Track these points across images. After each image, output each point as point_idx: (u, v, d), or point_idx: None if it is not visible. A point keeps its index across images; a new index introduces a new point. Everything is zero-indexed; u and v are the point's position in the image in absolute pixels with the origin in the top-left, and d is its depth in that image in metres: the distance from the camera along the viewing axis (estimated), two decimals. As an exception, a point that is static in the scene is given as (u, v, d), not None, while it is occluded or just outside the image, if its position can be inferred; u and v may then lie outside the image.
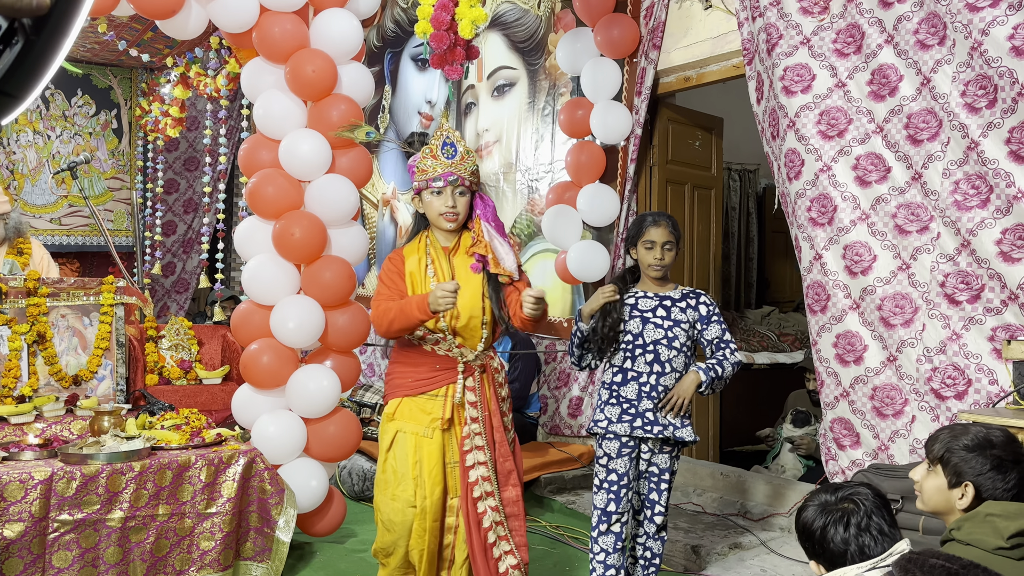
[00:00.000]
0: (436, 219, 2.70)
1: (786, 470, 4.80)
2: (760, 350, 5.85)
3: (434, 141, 2.70)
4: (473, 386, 2.68)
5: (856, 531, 1.69)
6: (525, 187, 5.81)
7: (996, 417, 2.58)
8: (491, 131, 6.14)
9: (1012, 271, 3.07)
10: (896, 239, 3.46)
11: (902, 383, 3.46)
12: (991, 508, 1.81)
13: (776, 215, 4.92)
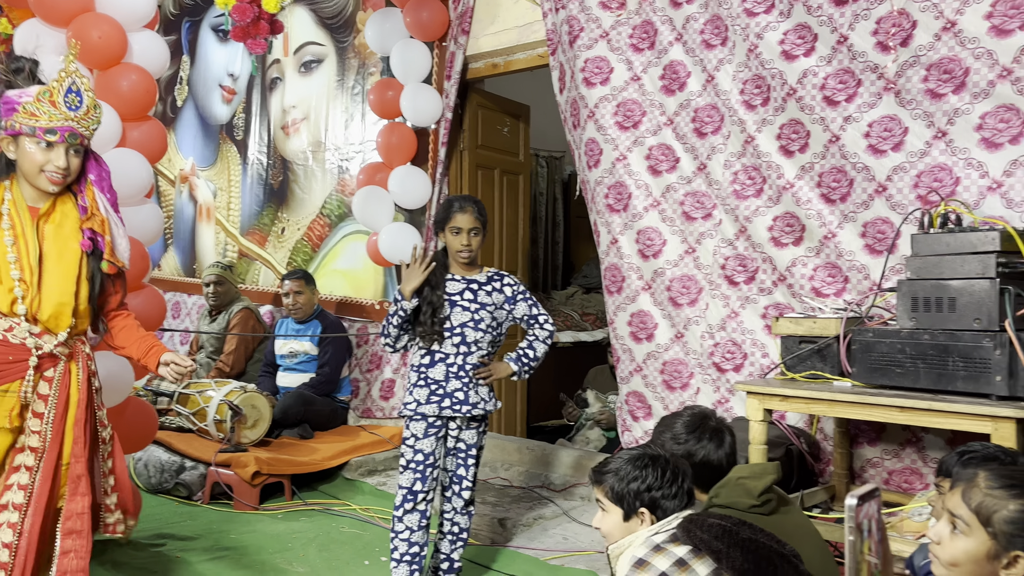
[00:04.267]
0: (35, 175, 2.26)
1: (590, 441, 5.06)
2: (564, 329, 6.11)
3: (55, 83, 2.24)
4: (52, 377, 2.31)
5: (661, 483, 1.81)
6: (335, 167, 5.70)
7: (767, 387, 2.87)
8: (298, 108, 5.97)
9: (781, 255, 3.40)
10: (684, 225, 3.73)
11: (688, 358, 3.75)
12: (740, 472, 2.01)
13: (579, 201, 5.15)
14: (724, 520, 1.73)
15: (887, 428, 3.14)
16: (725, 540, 1.66)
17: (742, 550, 1.65)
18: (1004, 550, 1.36)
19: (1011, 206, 2.78)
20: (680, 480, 1.83)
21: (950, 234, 2.56)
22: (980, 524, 1.37)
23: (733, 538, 1.67)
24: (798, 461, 3.19)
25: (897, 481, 3.14)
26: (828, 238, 3.23)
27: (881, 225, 3.09)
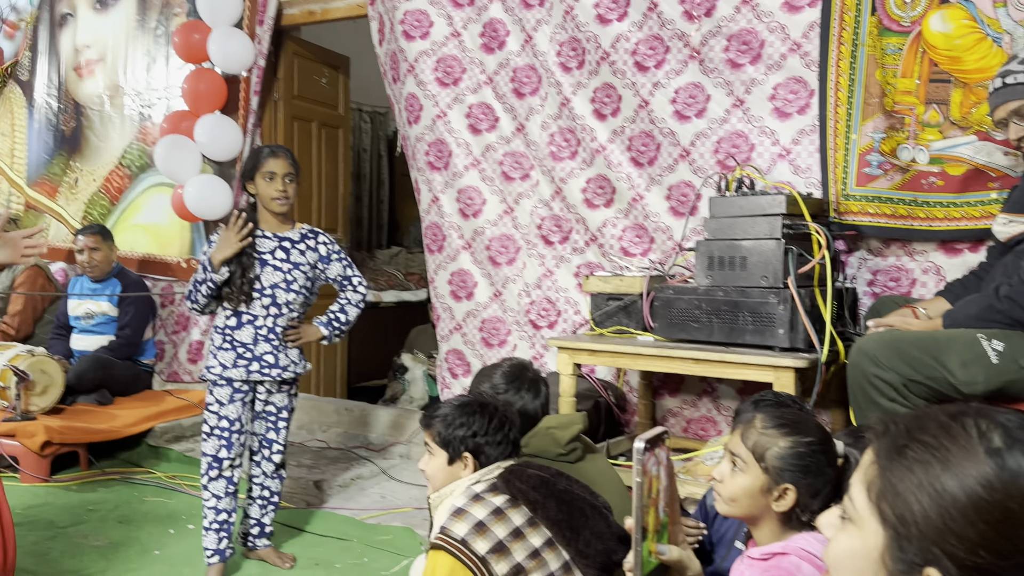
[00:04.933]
0: None
1: (414, 400, 5.06)
2: (388, 289, 6.04)
3: None
4: None
5: (486, 430, 1.82)
6: (136, 113, 5.28)
7: (577, 342, 2.96)
8: (93, 48, 5.46)
9: (593, 216, 3.50)
10: (503, 185, 3.76)
11: (506, 315, 3.81)
12: (550, 422, 2.08)
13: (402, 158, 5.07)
14: (543, 472, 1.78)
15: (686, 379, 3.34)
16: (542, 491, 1.70)
17: (557, 501, 1.70)
18: (775, 483, 1.50)
19: (798, 172, 3.00)
20: (506, 429, 1.85)
21: (743, 197, 2.73)
22: (755, 461, 1.51)
23: (550, 489, 1.72)
24: (605, 412, 3.33)
25: (694, 429, 3.36)
26: (636, 200, 3.36)
27: (684, 188, 3.25)
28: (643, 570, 0.90)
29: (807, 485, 1.50)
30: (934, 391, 2.22)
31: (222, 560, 2.73)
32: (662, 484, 0.94)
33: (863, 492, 0.79)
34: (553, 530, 1.68)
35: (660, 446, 0.92)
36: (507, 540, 1.64)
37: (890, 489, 0.76)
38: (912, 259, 2.84)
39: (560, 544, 1.68)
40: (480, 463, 1.82)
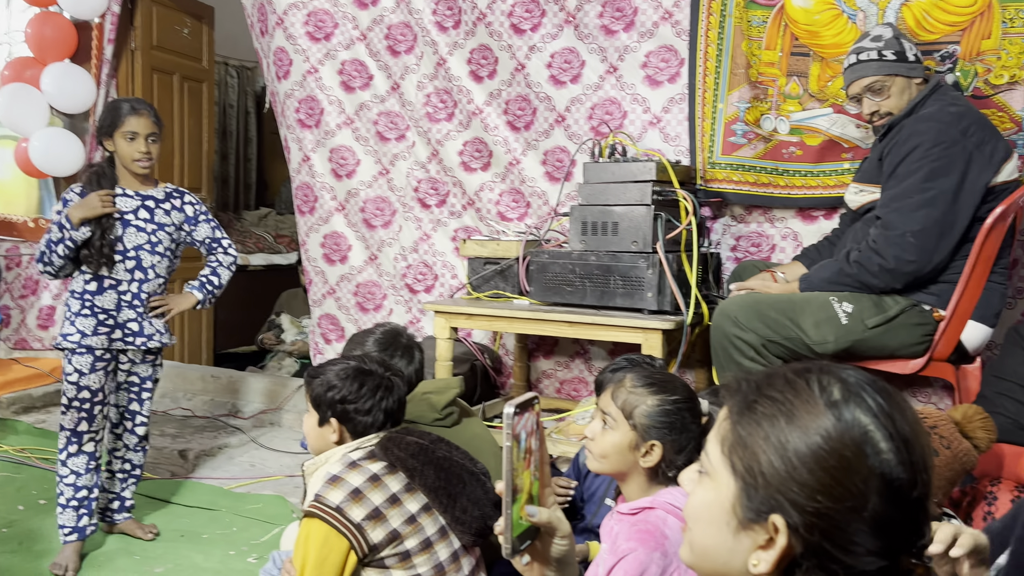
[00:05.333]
0: None
1: (283, 367, 4.93)
2: (256, 251, 5.84)
3: None
4: None
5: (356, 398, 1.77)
6: (-28, 59, 4.83)
7: (453, 306, 2.96)
8: (-80, -16, 4.94)
9: (470, 179, 3.49)
10: (378, 145, 3.68)
11: (382, 279, 3.76)
12: (426, 387, 2.07)
13: (271, 114, 4.87)
14: (422, 438, 1.77)
15: (560, 342, 3.41)
16: (420, 458, 1.70)
17: (435, 468, 1.70)
18: (642, 440, 1.56)
19: (668, 140, 3.08)
20: (380, 399, 1.80)
21: (615, 164, 2.78)
22: (624, 419, 1.57)
23: (428, 456, 1.71)
24: (482, 375, 3.36)
25: (567, 390, 3.43)
26: (513, 164, 3.36)
27: (559, 154, 3.28)
28: (513, 532, 0.91)
29: (672, 442, 1.56)
30: (790, 350, 2.35)
31: (80, 538, 2.59)
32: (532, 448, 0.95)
33: (717, 447, 0.83)
34: (430, 496, 1.68)
35: (530, 410, 0.93)
36: (383, 507, 1.63)
37: (740, 443, 0.80)
38: (772, 225, 2.98)
39: (437, 510, 1.69)
40: (349, 431, 1.79)
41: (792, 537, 0.76)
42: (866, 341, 2.32)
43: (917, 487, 0.76)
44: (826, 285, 2.39)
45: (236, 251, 2.87)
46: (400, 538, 1.63)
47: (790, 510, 0.76)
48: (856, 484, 0.74)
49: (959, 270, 2.28)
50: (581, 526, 2.09)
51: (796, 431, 0.77)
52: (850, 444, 0.75)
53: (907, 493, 0.75)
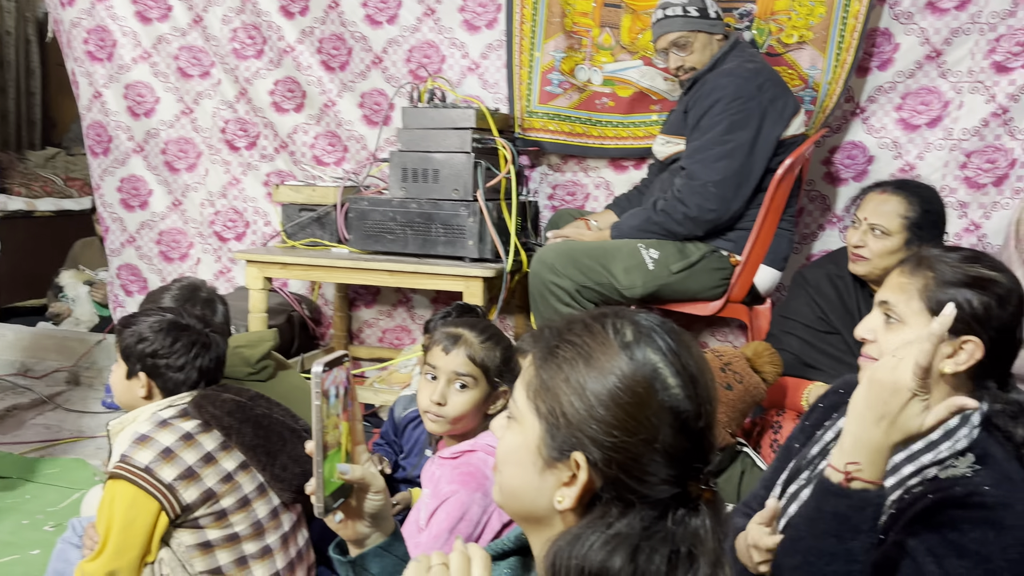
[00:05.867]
0: None
1: (81, 322, 4.55)
2: (44, 196, 5.30)
3: None
4: None
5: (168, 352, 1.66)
6: None
7: (267, 255, 2.84)
8: None
9: (283, 121, 3.33)
10: (179, 82, 3.43)
11: (188, 227, 3.54)
12: (237, 341, 1.98)
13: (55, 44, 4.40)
14: (240, 396, 1.70)
15: (382, 291, 3.37)
16: (238, 416, 1.63)
17: (254, 425, 1.65)
18: (493, 390, 1.62)
19: (486, 87, 3.08)
20: (195, 356, 1.70)
21: (435, 110, 2.75)
22: (482, 374, 1.61)
23: (246, 414, 1.65)
24: (300, 327, 3.27)
25: (390, 338, 3.41)
26: (328, 106, 3.24)
27: (377, 97, 3.19)
28: (326, 491, 0.90)
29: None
30: (603, 295, 2.46)
31: None
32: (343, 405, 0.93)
33: (523, 392, 0.86)
34: (248, 454, 1.63)
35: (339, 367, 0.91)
36: (197, 466, 1.56)
37: (543, 387, 0.84)
38: (586, 175, 3.07)
39: (255, 467, 1.64)
40: (159, 387, 1.69)
41: (592, 472, 0.80)
42: (671, 285, 2.46)
43: (702, 418, 0.82)
44: (635, 233, 2.50)
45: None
46: (215, 497, 1.57)
47: (590, 447, 0.80)
48: (648, 418, 0.79)
49: (753, 218, 2.46)
50: (401, 476, 2.10)
51: (594, 372, 0.81)
52: (642, 381, 0.80)
53: (694, 424, 0.81)
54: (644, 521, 0.80)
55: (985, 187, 2.67)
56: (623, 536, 0.79)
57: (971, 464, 1.20)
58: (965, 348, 1.24)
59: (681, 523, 0.81)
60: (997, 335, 1.24)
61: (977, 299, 1.24)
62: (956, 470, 1.20)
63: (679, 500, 0.82)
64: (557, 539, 0.81)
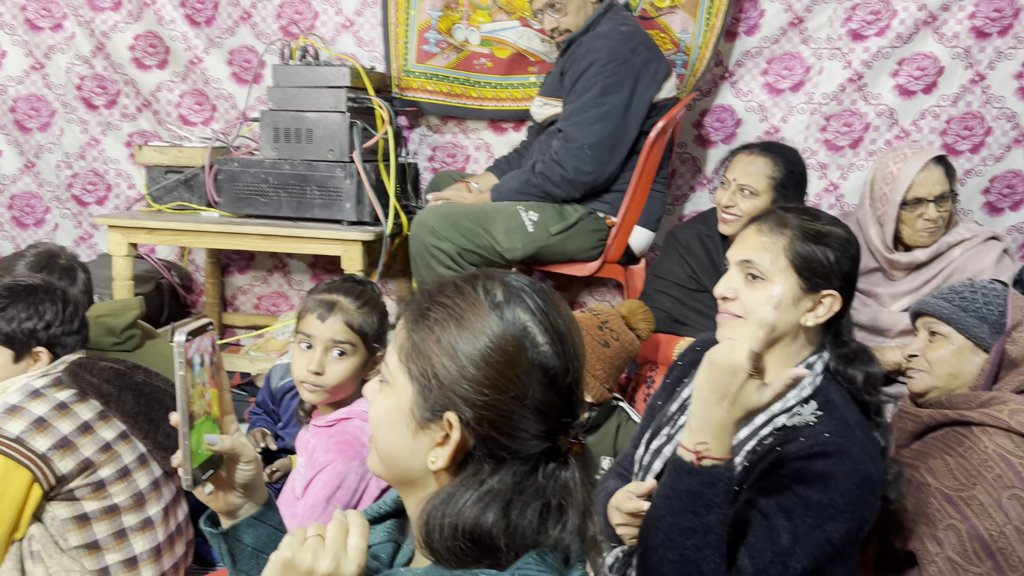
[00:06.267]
0: None
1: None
2: None
3: None
4: None
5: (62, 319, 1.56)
6: None
7: (131, 220, 2.70)
8: None
9: (145, 78, 3.15)
10: (28, 35, 3.18)
11: (43, 190, 3.32)
12: (100, 310, 1.89)
13: None
14: (118, 364, 1.63)
15: (256, 256, 3.27)
16: (116, 384, 1.57)
17: (134, 393, 1.59)
18: (371, 356, 1.60)
19: (361, 45, 3.00)
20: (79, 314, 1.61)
21: (308, 67, 2.66)
22: (361, 340, 1.56)
23: (125, 381, 1.60)
24: (170, 294, 3.13)
25: (266, 305, 3.32)
26: (195, 63, 3.08)
27: (247, 54, 3.06)
28: (193, 463, 0.87)
29: None
30: (484, 258, 2.46)
31: None
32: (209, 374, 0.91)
33: (395, 355, 0.86)
34: (129, 423, 1.57)
35: (203, 335, 0.88)
36: (73, 435, 1.50)
37: (415, 349, 0.84)
38: (466, 136, 3.05)
39: (136, 436, 1.58)
40: (56, 356, 1.59)
41: (465, 431, 0.81)
42: (550, 247, 2.49)
43: (570, 374, 0.84)
44: (515, 195, 2.51)
45: None
46: (93, 467, 1.51)
47: (462, 406, 0.81)
48: (519, 376, 0.81)
49: (628, 180, 2.51)
50: (281, 447, 2.07)
51: (465, 333, 0.82)
52: (512, 340, 0.81)
53: (562, 380, 0.83)
54: (516, 476, 0.82)
55: (843, 149, 2.82)
56: (496, 492, 0.81)
57: (814, 411, 1.28)
58: (824, 302, 1.32)
59: (552, 476, 0.83)
60: (845, 286, 1.32)
61: (832, 254, 1.31)
62: (801, 417, 1.28)
63: (549, 454, 0.84)
64: (431, 499, 0.82)
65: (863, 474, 1.22)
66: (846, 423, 1.27)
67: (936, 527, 1.53)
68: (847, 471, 1.21)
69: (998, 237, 2.42)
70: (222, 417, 0.94)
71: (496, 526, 0.80)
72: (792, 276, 1.31)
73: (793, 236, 1.32)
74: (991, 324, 1.61)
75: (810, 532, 1.20)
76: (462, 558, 0.80)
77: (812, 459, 1.22)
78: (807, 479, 1.21)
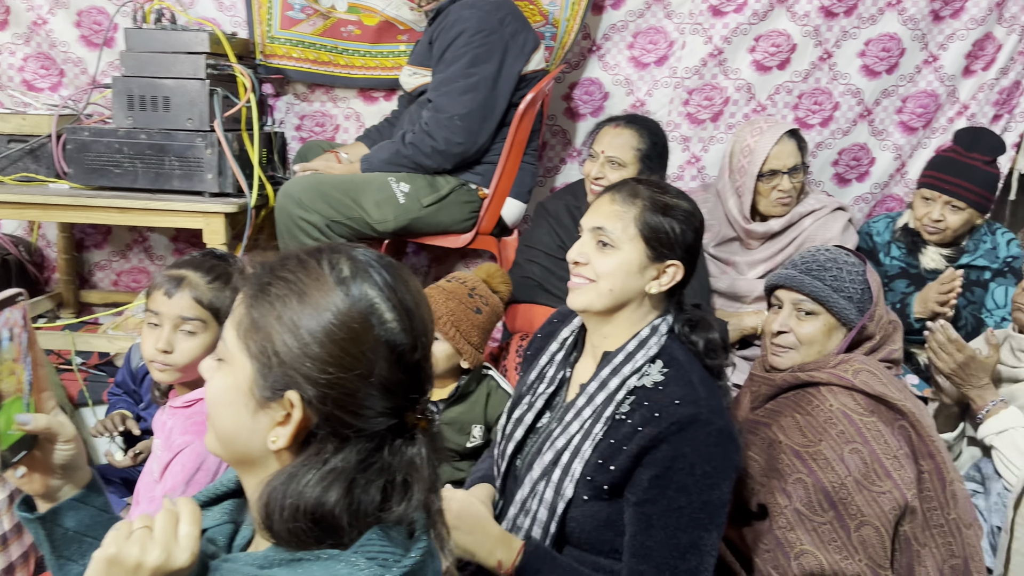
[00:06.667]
0: None
1: None
2: None
3: None
4: None
5: None
6: None
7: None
8: None
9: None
10: None
11: None
12: None
13: None
14: None
15: (113, 230, 3.10)
16: None
17: None
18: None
19: (222, 9, 2.87)
20: None
21: (163, 32, 2.52)
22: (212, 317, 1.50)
23: None
24: (18, 271, 2.94)
25: (126, 281, 3.16)
26: (39, 24, 2.87)
27: (97, 15, 2.87)
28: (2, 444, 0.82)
29: None
30: (354, 230, 2.42)
31: None
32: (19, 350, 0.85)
33: (233, 331, 0.83)
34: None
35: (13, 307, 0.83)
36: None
37: (254, 325, 0.81)
38: (335, 105, 2.98)
39: None
40: None
41: (307, 410, 0.79)
42: (422, 219, 2.48)
43: (418, 350, 0.84)
44: (385, 166, 2.48)
45: None
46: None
47: (304, 385, 0.79)
48: (364, 353, 0.80)
49: (499, 152, 2.52)
50: (144, 428, 1.99)
51: (308, 309, 0.79)
52: (358, 317, 0.80)
53: (410, 357, 0.83)
54: (360, 454, 0.80)
55: (704, 123, 2.92)
56: (339, 471, 0.79)
57: (661, 369, 1.35)
58: (668, 271, 1.38)
59: (398, 453, 0.83)
60: (687, 256, 1.39)
61: (678, 226, 1.37)
62: (650, 377, 1.35)
63: (396, 431, 0.83)
64: (271, 479, 0.80)
65: (716, 431, 1.29)
66: (689, 380, 1.34)
67: (785, 481, 1.63)
68: (703, 438, 1.28)
69: (844, 207, 2.58)
70: (37, 395, 0.89)
71: (339, 504, 0.78)
72: (640, 245, 1.36)
73: (644, 207, 1.37)
74: (856, 303, 1.70)
75: (701, 511, 1.27)
76: (304, 539, 0.79)
77: (671, 440, 1.28)
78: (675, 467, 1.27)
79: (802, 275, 1.72)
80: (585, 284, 1.39)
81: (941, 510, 1.60)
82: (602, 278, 1.37)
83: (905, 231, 2.54)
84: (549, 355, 1.52)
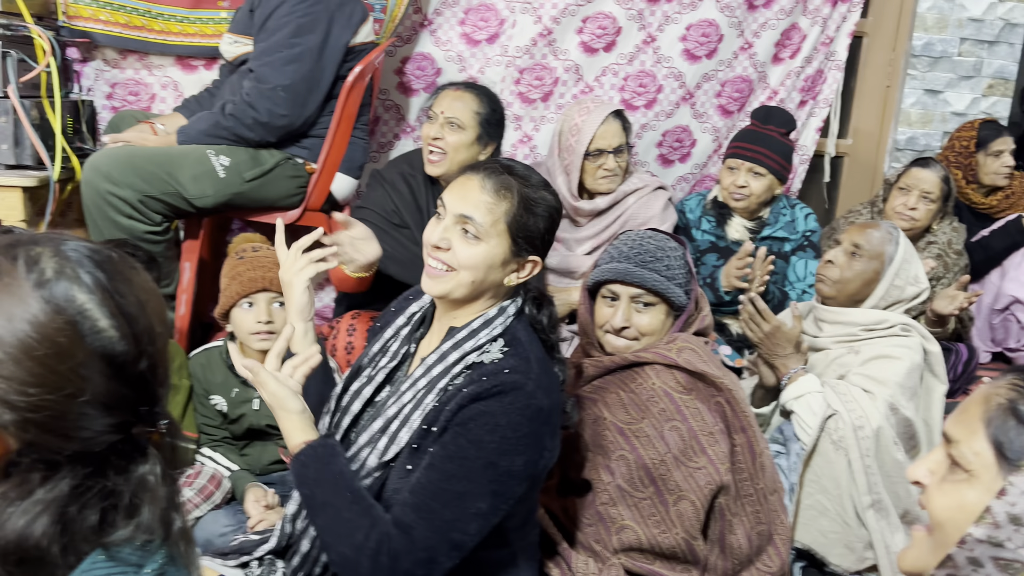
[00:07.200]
0: None
1: None
2: None
3: None
4: None
5: None
6: None
7: None
8: None
9: None
10: None
11: None
12: None
13: None
14: None
15: None
16: None
17: None
18: None
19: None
20: None
21: (-55, -16, 2.27)
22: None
23: None
24: None
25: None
26: None
27: None
28: None
29: None
30: (170, 206, 2.29)
31: None
32: None
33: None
34: None
35: None
36: None
37: None
38: (151, 73, 2.80)
39: None
40: None
41: (5, 437, 0.69)
42: (245, 194, 2.38)
43: (144, 358, 0.74)
44: (204, 138, 2.36)
45: None
46: None
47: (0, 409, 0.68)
48: (74, 369, 0.69)
49: (327, 125, 2.45)
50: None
51: (1, 319, 0.68)
52: (64, 327, 0.69)
53: (133, 367, 0.73)
54: (74, 480, 0.70)
55: (535, 102, 2.96)
56: (47, 503, 0.68)
57: (502, 347, 1.37)
58: (527, 266, 1.41)
59: (125, 473, 0.73)
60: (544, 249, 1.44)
61: (543, 223, 1.41)
62: (490, 355, 1.36)
63: (122, 448, 0.73)
64: None
65: (535, 407, 1.32)
66: (527, 359, 1.36)
67: (609, 457, 1.69)
68: (519, 407, 1.30)
69: (664, 187, 2.70)
70: None
71: (46, 535, 0.68)
72: (506, 241, 1.37)
73: (515, 203, 1.37)
74: (683, 287, 1.77)
75: (484, 471, 1.27)
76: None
77: (487, 399, 1.30)
78: (480, 420, 1.28)
79: (639, 268, 1.73)
80: (445, 273, 1.38)
81: (751, 480, 1.71)
82: (464, 269, 1.36)
83: (714, 203, 2.72)
84: (395, 328, 1.52)
